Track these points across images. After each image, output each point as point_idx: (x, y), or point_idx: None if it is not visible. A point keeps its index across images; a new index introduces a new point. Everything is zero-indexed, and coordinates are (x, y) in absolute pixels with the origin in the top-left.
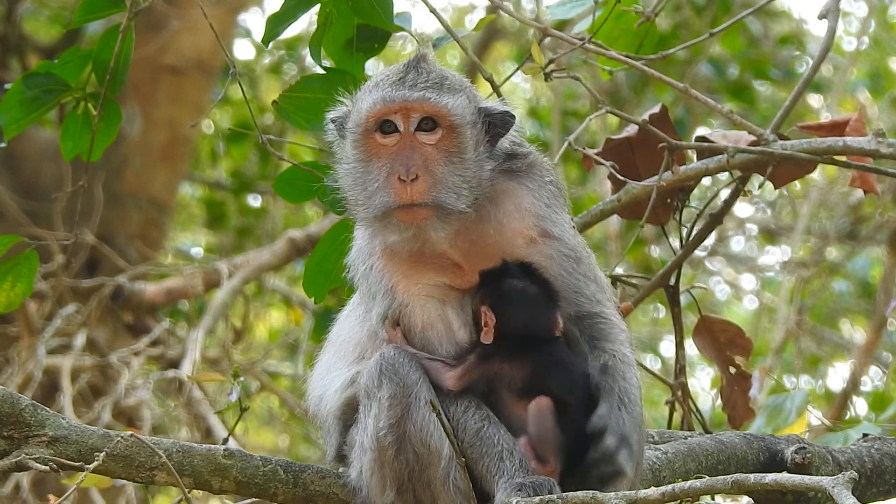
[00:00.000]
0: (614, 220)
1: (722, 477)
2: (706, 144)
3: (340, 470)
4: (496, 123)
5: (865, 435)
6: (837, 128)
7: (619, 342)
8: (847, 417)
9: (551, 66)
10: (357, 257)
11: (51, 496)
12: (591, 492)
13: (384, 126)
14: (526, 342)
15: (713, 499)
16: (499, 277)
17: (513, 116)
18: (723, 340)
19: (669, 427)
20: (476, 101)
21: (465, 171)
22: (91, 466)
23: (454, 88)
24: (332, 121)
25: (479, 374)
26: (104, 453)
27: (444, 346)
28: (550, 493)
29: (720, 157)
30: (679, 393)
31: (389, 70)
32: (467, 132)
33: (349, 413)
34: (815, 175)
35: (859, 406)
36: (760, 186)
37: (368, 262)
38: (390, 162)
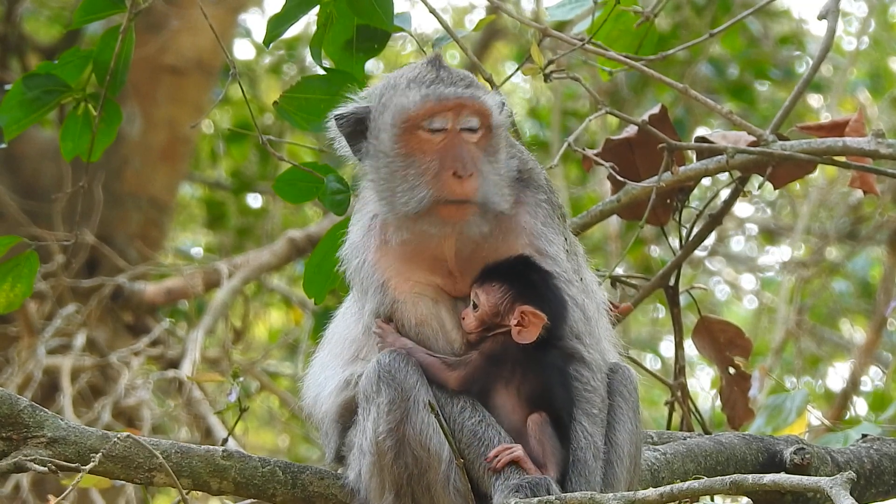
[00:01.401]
0: (614, 221)
1: (720, 478)
2: (706, 145)
3: (339, 470)
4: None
5: (864, 436)
6: (837, 128)
7: (591, 416)
8: (847, 417)
9: (551, 67)
10: (350, 252)
11: (50, 496)
12: (589, 492)
13: (432, 122)
14: (539, 347)
15: (712, 499)
16: (523, 274)
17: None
18: (722, 341)
19: (669, 427)
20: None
21: (501, 171)
22: (87, 468)
23: (483, 88)
24: (342, 117)
25: (485, 376)
26: (100, 454)
27: (440, 343)
28: (548, 492)
29: (720, 157)
30: (679, 393)
31: (412, 70)
32: (502, 132)
33: (346, 416)
34: (815, 175)
35: (859, 406)
36: (760, 187)
37: (362, 256)
38: (439, 158)
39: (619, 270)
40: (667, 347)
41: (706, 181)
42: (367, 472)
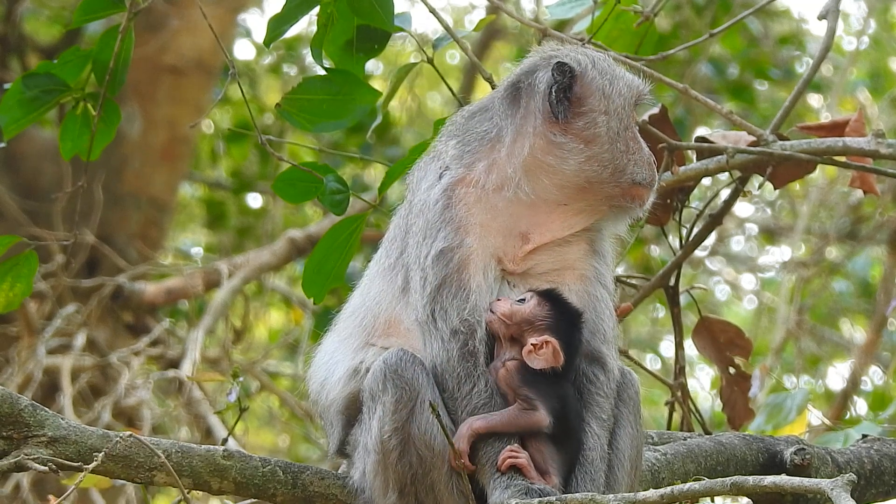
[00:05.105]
0: None
1: (721, 479)
2: (706, 145)
3: (341, 468)
4: None
5: (865, 436)
6: (837, 128)
7: (601, 420)
8: (847, 417)
9: None
10: (439, 186)
11: (50, 496)
12: (589, 493)
13: (638, 108)
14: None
15: (712, 500)
16: (574, 322)
17: None
18: (722, 341)
19: (669, 427)
20: None
21: None
22: (90, 467)
23: None
24: (567, 67)
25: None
26: (102, 454)
27: (483, 323)
28: None
29: (720, 157)
30: (679, 393)
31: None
32: None
33: (352, 409)
34: (815, 175)
35: (859, 406)
36: (760, 187)
37: (459, 191)
38: (642, 143)
39: (619, 270)
40: (667, 347)
41: (706, 181)
42: (371, 471)
